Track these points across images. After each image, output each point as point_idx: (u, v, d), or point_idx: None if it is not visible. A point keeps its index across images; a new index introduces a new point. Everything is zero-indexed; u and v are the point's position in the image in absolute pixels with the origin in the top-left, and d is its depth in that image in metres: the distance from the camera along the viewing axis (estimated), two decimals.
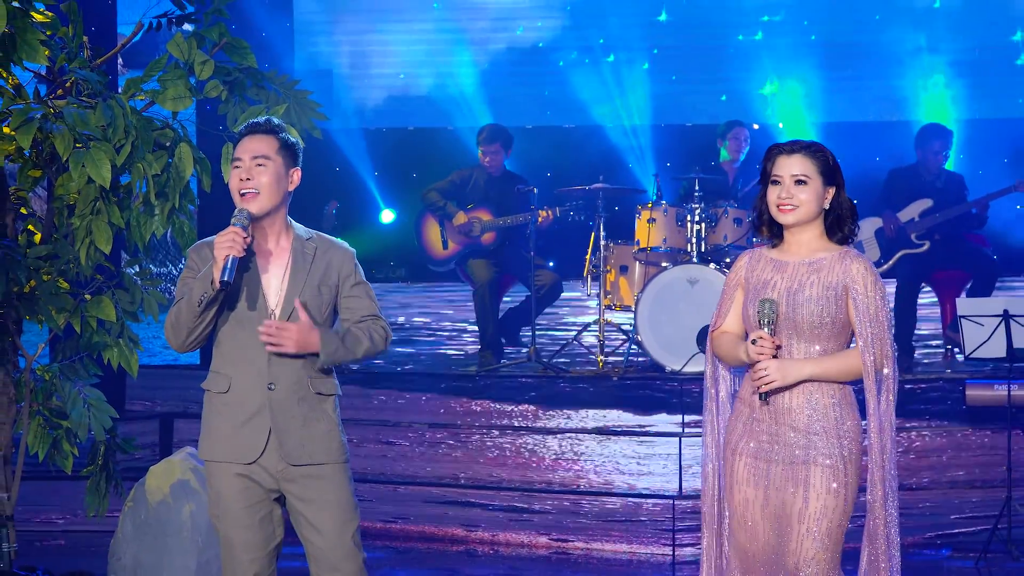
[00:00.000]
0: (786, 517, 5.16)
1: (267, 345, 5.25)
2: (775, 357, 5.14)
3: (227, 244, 5.17)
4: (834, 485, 5.13)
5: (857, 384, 5.25)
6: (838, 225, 5.26)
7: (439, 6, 14.02)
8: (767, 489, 5.19)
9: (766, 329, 5.14)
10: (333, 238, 5.58)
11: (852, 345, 5.23)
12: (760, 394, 5.16)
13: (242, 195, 5.31)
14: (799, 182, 5.20)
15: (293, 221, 5.52)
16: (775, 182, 5.23)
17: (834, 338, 5.18)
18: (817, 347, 5.18)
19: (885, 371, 5.18)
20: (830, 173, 5.23)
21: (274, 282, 5.39)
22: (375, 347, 5.40)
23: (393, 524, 9.91)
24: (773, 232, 5.33)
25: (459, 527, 9.89)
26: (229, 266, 5.15)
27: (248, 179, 5.31)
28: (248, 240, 5.24)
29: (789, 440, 5.17)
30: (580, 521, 9.67)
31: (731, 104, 13.69)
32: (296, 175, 5.43)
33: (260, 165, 5.32)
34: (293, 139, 5.44)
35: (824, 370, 5.16)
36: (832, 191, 5.23)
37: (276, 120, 5.45)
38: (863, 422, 5.21)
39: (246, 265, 5.31)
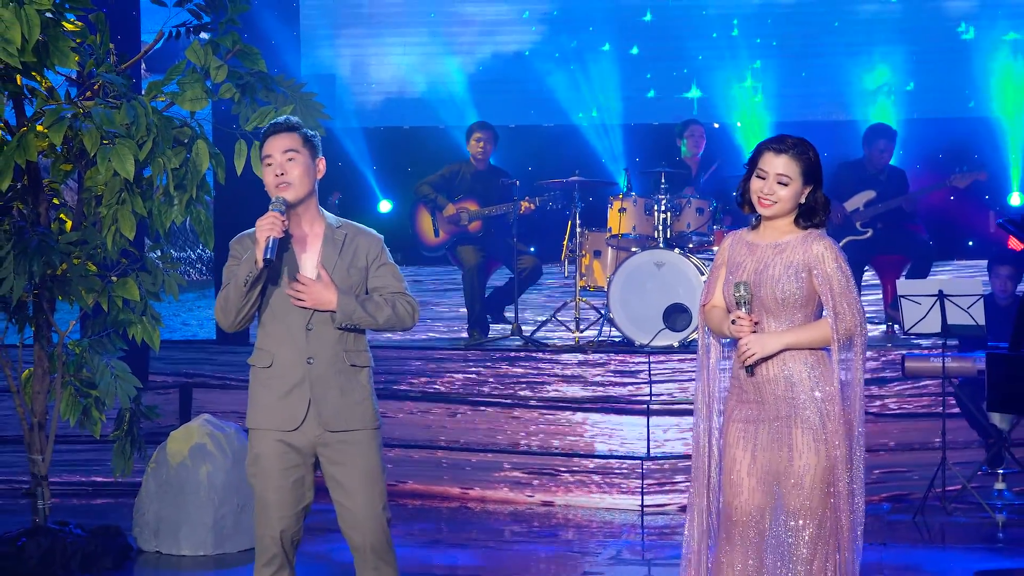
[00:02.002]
0: (774, 475, 5.17)
1: (292, 299, 5.25)
2: (754, 332, 5.17)
3: (267, 226, 5.16)
4: (815, 443, 5.15)
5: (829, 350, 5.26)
6: (807, 216, 5.26)
7: (434, 16, 13.99)
8: (755, 450, 5.19)
9: (743, 309, 5.16)
10: (361, 225, 5.53)
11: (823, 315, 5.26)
12: (746, 368, 5.18)
13: (278, 187, 5.29)
14: (781, 182, 5.21)
15: (324, 210, 5.49)
16: (760, 176, 5.24)
17: (800, 310, 5.20)
18: (786, 320, 5.20)
19: (855, 340, 5.20)
20: (811, 173, 5.24)
21: (308, 265, 5.35)
22: (399, 317, 5.36)
23: (393, 485, 9.93)
24: (752, 209, 5.34)
25: (453, 486, 9.91)
26: (270, 246, 5.14)
27: (282, 173, 5.28)
28: (286, 223, 5.23)
29: (773, 405, 5.18)
30: (561, 479, 9.70)
31: (691, 104, 13.68)
32: (321, 164, 5.40)
33: (291, 159, 5.30)
34: (312, 132, 5.42)
35: (799, 339, 5.17)
36: (810, 188, 5.25)
37: (295, 119, 5.42)
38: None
39: (285, 247, 5.30)
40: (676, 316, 10.39)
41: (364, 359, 5.41)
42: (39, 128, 7.23)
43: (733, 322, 5.18)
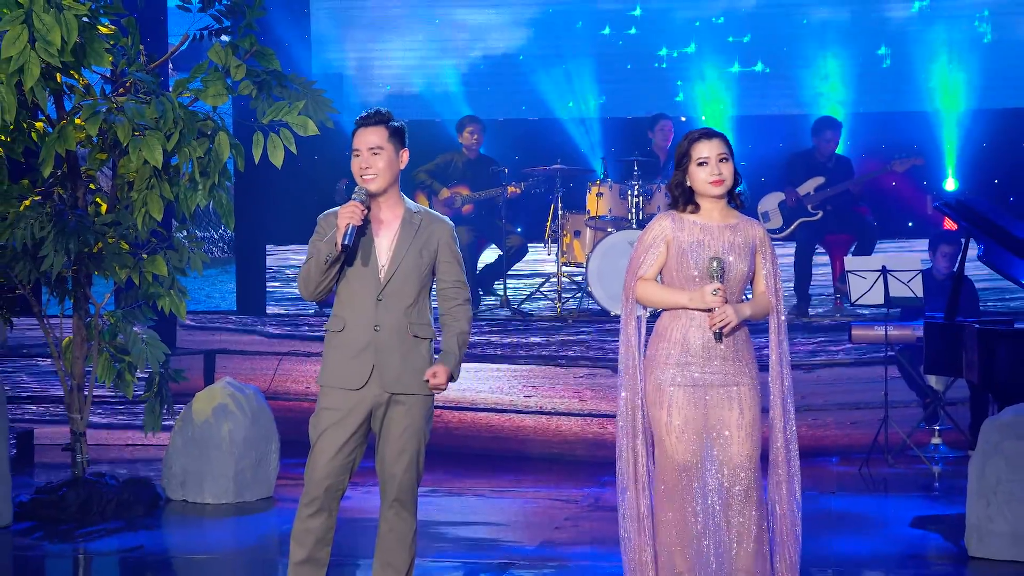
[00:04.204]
0: (723, 428, 5.09)
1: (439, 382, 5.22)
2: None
3: (348, 214, 5.08)
4: (758, 400, 5.14)
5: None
6: (735, 191, 5.24)
7: (437, 22, 13.93)
8: (706, 409, 5.09)
9: (717, 281, 5.07)
10: (436, 213, 5.45)
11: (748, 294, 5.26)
12: (716, 333, 5.06)
13: (363, 179, 5.21)
14: (723, 159, 5.16)
15: (405, 197, 5.40)
16: (702, 163, 5.17)
17: (741, 286, 5.18)
18: (739, 294, 5.18)
19: (781, 311, 5.21)
20: (732, 151, 5.24)
21: (384, 244, 5.26)
22: (471, 325, 5.38)
23: None
24: (689, 203, 5.26)
25: (451, 443, 9.92)
26: (349, 232, 5.06)
27: (368, 167, 5.20)
28: (365, 212, 5.14)
29: (720, 369, 5.10)
30: (551, 440, 9.71)
31: (667, 100, 13.64)
32: (405, 155, 5.32)
33: (375, 154, 5.20)
34: (398, 124, 5.30)
35: (754, 311, 5.14)
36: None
37: (384, 110, 5.31)
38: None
39: (363, 230, 5.24)
40: None
41: (427, 331, 5.29)
42: (77, 121, 7.22)
43: (714, 292, 5.02)
